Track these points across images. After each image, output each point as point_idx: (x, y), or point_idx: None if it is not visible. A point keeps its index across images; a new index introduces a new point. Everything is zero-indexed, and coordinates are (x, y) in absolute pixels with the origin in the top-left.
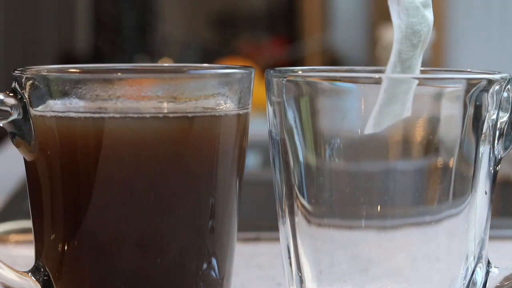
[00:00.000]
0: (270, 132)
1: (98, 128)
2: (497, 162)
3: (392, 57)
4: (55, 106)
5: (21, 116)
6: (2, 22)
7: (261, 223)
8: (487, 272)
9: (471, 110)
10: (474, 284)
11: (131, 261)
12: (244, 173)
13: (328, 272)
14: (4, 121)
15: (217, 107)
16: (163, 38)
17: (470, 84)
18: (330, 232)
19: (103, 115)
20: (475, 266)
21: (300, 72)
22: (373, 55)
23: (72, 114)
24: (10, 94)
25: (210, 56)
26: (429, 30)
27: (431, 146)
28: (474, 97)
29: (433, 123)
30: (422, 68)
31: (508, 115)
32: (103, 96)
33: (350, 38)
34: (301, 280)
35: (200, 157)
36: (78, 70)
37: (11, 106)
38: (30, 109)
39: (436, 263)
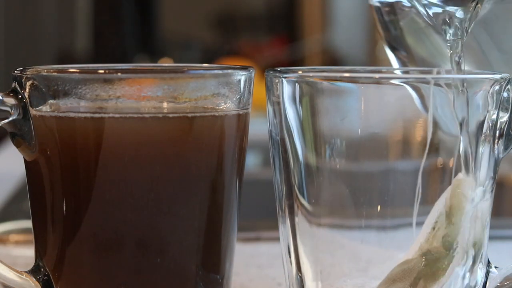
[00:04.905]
0: (270, 132)
1: (98, 128)
2: (497, 162)
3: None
4: (55, 106)
5: (21, 116)
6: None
7: (261, 223)
8: (487, 272)
9: (471, 110)
10: (474, 284)
11: (131, 261)
12: (244, 173)
13: (328, 272)
14: (4, 121)
15: (217, 107)
16: (163, 38)
17: (470, 84)
18: (330, 232)
19: (103, 115)
20: (475, 266)
21: (300, 72)
22: (373, 55)
23: (72, 114)
24: (10, 94)
25: (210, 56)
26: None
27: (431, 146)
28: (474, 97)
29: (433, 123)
30: (422, 68)
31: (508, 115)
32: (103, 96)
33: (350, 38)
34: (301, 280)
35: (200, 157)
36: (78, 70)
37: (11, 106)
38: (30, 109)
39: None
